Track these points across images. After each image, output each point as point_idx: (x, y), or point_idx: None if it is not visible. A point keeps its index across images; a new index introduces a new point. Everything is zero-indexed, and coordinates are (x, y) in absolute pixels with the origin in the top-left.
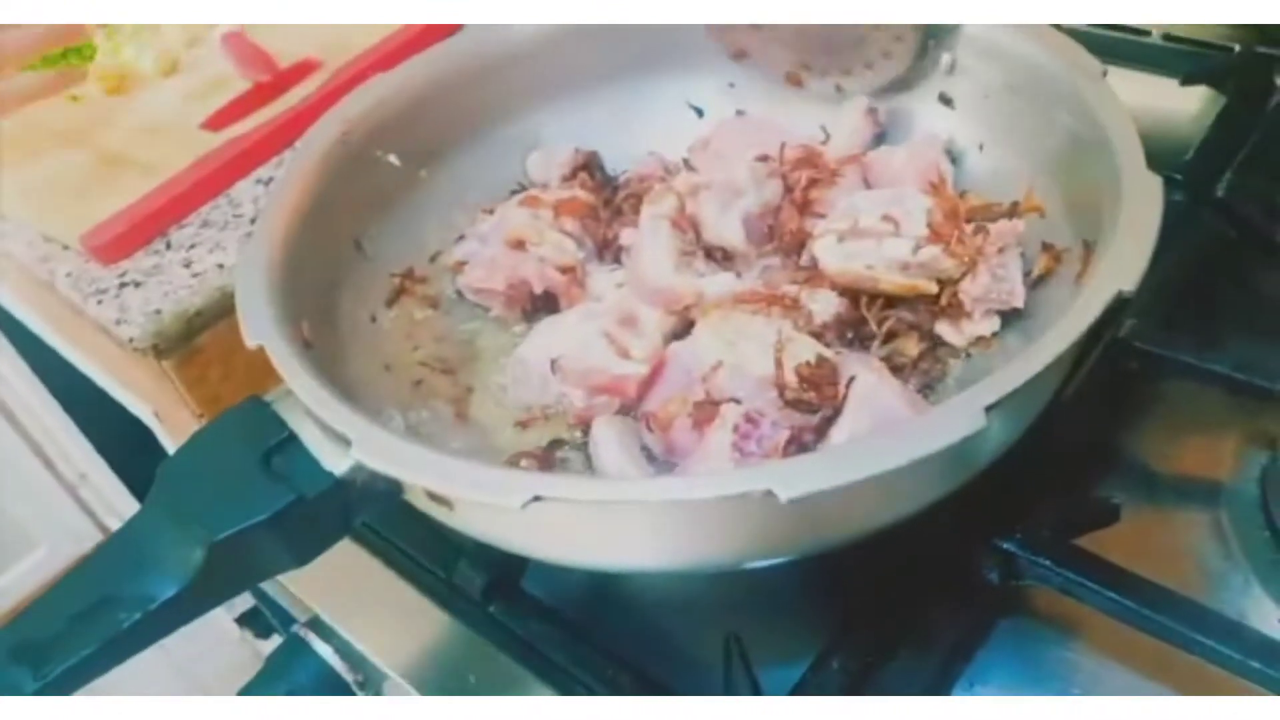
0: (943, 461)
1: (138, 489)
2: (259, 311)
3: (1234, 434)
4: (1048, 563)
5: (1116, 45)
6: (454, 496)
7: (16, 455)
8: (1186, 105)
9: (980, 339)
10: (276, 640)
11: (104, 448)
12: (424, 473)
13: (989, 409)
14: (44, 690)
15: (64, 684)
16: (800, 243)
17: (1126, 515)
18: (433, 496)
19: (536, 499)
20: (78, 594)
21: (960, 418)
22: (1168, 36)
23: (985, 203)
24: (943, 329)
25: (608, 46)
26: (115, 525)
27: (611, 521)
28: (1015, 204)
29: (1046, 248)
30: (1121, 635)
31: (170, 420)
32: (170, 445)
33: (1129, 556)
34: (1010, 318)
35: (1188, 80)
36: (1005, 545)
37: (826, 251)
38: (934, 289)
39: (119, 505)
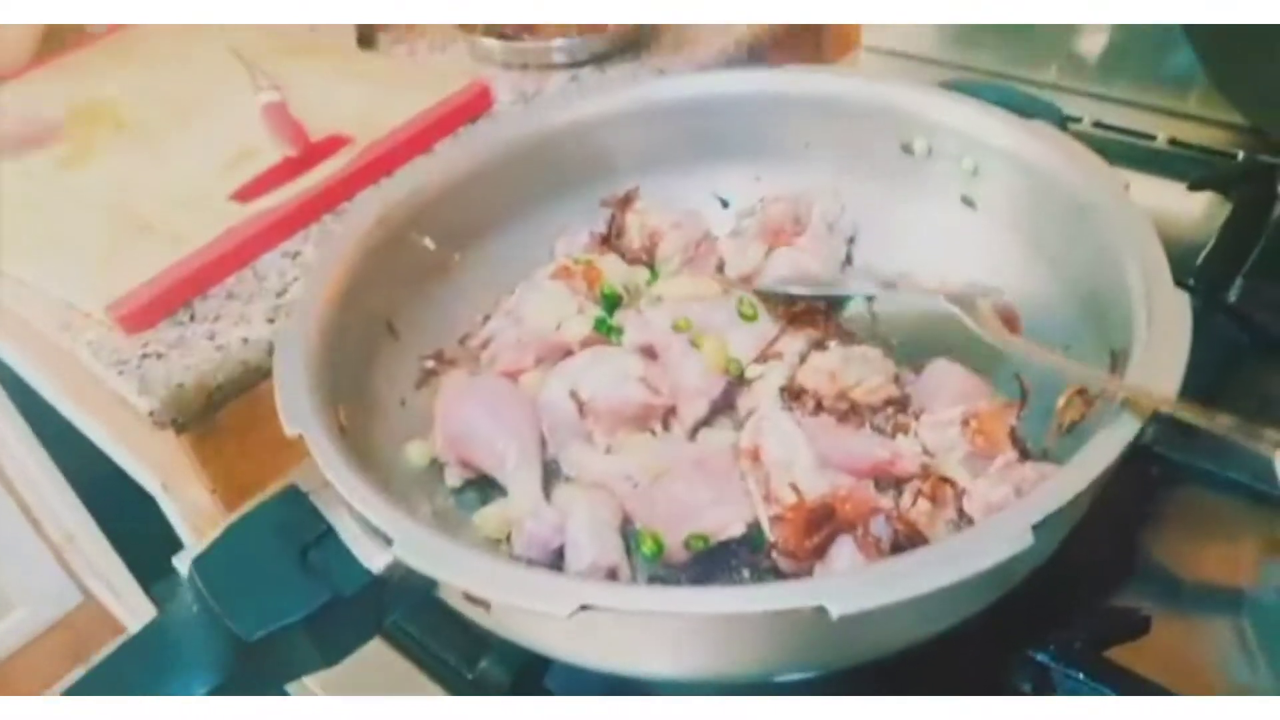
0: (985, 578)
1: (126, 553)
2: (298, 398)
3: (1254, 541)
4: (1081, 676)
5: (1123, 149)
6: (499, 602)
7: (2, 513)
8: (1192, 209)
9: None
10: None
11: (94, 510)
12: (469, 576)
13: (1035, 527)
14: None
15: None
16: None
17: (1153, 624)
18: (470, 598)
19: (584, 608)
20: (100, 692)
21: (1006, 536)
22: (1173, 141)
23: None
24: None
25: (638, 135)
26: (99, 589)
27: (654, 631)
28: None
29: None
30: None
31: (178, 493)
32: (176, 519)
33: (1157, 668)
34: None
35: (1194, 186)
36: (1039, 657)
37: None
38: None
39: (105, 569)
